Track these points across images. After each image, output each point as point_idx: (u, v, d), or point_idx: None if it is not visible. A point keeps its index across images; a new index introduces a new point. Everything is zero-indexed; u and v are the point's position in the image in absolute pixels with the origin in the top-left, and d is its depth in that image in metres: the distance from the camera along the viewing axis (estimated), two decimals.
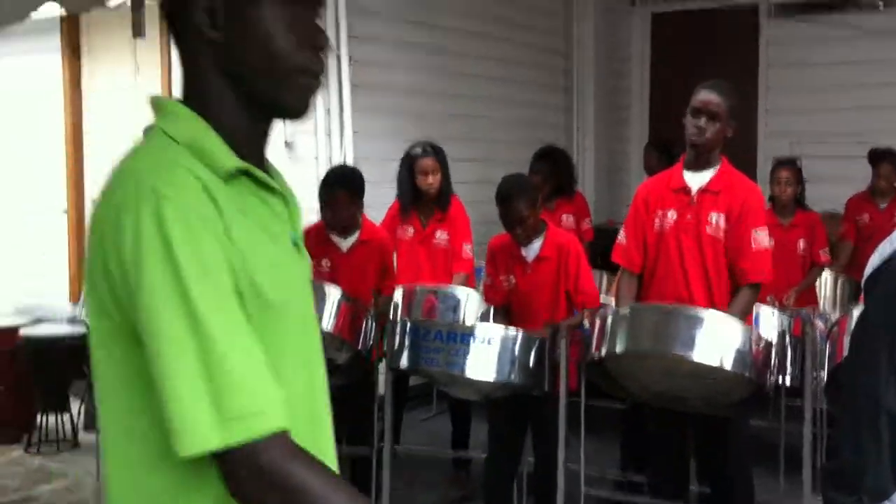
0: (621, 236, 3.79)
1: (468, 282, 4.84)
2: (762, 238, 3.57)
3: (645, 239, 3.69)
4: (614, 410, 4.32)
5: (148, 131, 1.34)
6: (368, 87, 6.49)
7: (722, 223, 3.56)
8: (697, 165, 3.63)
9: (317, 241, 4.14)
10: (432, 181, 4.90)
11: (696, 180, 3.62)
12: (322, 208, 4.17)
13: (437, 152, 4.96)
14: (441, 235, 4.96)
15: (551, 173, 5.71)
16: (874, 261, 1.74)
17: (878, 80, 7.82)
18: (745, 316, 3.55)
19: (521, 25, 7.95)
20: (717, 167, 3.62)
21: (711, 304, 3.49)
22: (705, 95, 3.56)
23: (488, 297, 4.11)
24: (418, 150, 4.98)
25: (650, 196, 3.70)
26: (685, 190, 3.62)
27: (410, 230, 4.99)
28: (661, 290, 3.63)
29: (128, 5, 5.16)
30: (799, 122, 8.22)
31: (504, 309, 4.03)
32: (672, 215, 3.61)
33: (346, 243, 4.20)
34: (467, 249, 4.90)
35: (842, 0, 8.46)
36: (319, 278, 4.00)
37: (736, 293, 3.56)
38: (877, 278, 1.71)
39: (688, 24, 8.96)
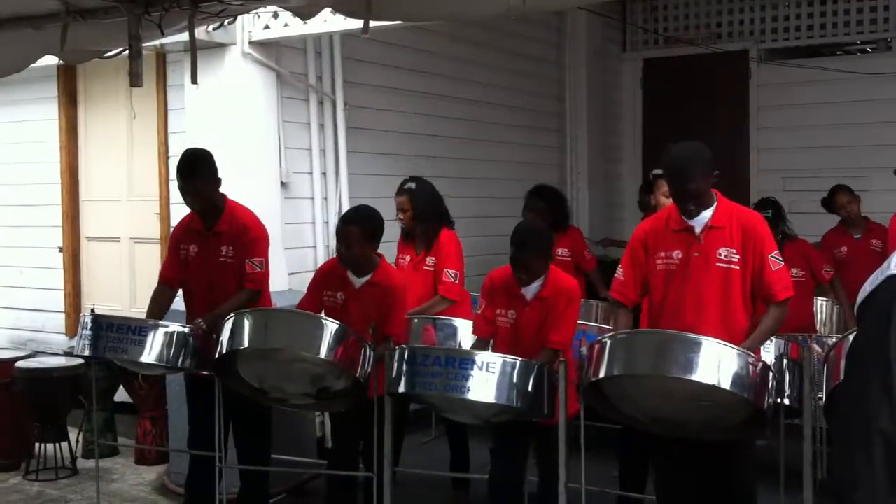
0: (619, 273, 3.82)
1: (463, 310, 4.88)
2: (777, 259, 3.61)
3: (645, 279, 3.71)
4: (614, 430, 4.33)
5: None
6: (363, 130, 6.62)
7: (733, 256, 3.57)
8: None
9: (334, 275, 4.28)
10: (403, 217, 5.09)
11: (698, 220, 3.63)
12: (337, 243, 4.26)
13: (411, 191, 5.08)
14: (431, 262, 5.07)
15: (546, 209, 5.85)
16: (866, 287, 1.78)
17: (865, 119, 8.03)
18: (775, 332, 3.61)
19: (514, 71, 8.11)
20: (715, 204, 3.65)
21: (726, 334, 3.47)
22: (685, 187, 3.55)
23: (477, 326, 4.12)
24: (401, 185, 5.17)
25: (649, 238, 3.72)
26: (688, 230, 3.64)
27: (407, 258, 5.14)
28: (669, 326, 3.62)
29: (124, 55, 5.25)
30: (790, 160, 8.40)
31: (485, 342, 4.04)
32: (678, 254, 3.62)
33: (358, 282, 4.24)
34: (449, 275, 4.97)
35: (828, 44, 8.68)
36: (335, 310, 4.14)
37: (766, 312, 3.57)
38: (868, 304, 1.76)
39: (679, 68, 9.14)
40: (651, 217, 3.95)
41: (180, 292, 4.63)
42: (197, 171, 4.41)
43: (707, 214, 3.62)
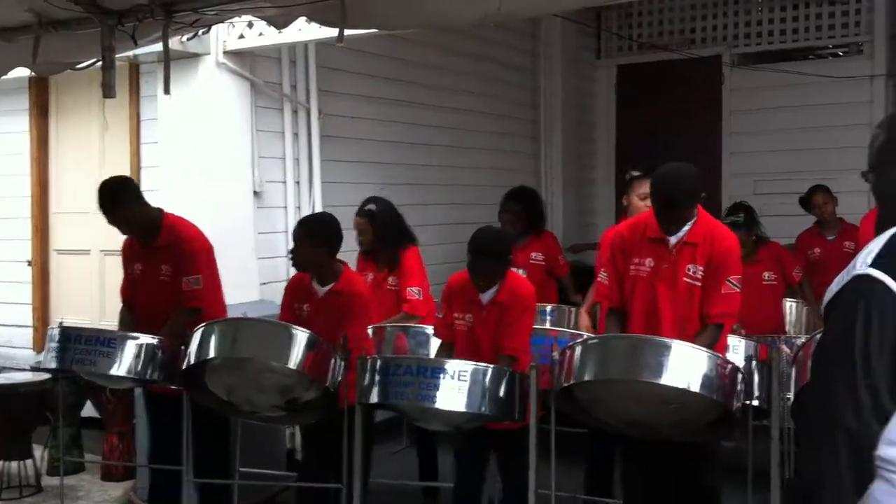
0: (602, 276, 3.85)
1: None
2: (734, 285, 3.64)
3: (620, 280, 3.73)
4: (580, 435, 4.34)
5: None
6: (337, 138, 6.60)
7: (699, 273, 3.62)
8: None
9: (301, 286, 4.26)
10: (363, 239, 5.09)
11: (675, 233, 3.67)
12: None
13: (371, 214, 5.07)
14: (393, 281, 5.07)
15: (522, 212, 5.87)
16: (833, 287, 1.80)
17: (835, 122, 8.11)
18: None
19: (489, 78, 8.13)
20: (694, 220, 3.67)
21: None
22: (674, 214, 3.60)
23: (438, 331, 4.14)
24: (360, 206, 5.14)
25: (626, 244, 3.75)
26: (663, 241, 3.67)
27: (370, 276, 5.11)
28: (634, 331, 3.66)
29: (97, 66, 5.24)
30: (761, 164, 8.46)
31: (449, 345, 4.06)
32: (649, 262, 3.67)
33: (321, 291, 4.22)
34: (413, 292, 4.98)
35: (800, 48, 8.75)
36: (301, 321, 4.08)
37: (702, 330, 3.61)
38: (834, 305, 1.77)
39: (653, 74, 9.19)
40: (629, 221, 3.96)
41: None
42: (118, 201, 4.36)
43: (684, 229, 3.66)
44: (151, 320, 4.36)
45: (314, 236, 4.14)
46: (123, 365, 4.05)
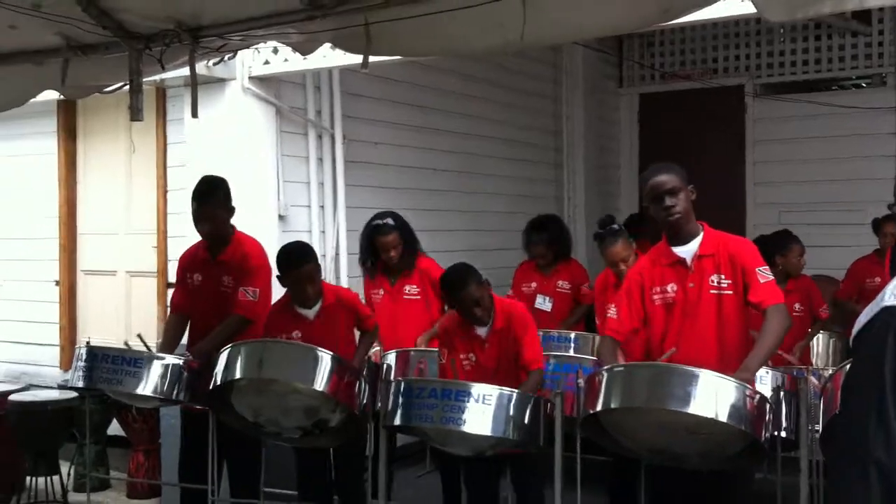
0: (612, 312, 3.82)
1: None
2: (766, 273, 3.62)
3: (643, 314, 3.71)
4: (601, 463, 4.31)
5: None
6: (360, 163, 6.66)
7: (724, 282, 3.60)
8: (682, 239, 3.68)
9: (285, 314, 4.28)
10: (394, 254, 5.10)
11: (687, 251, 3.67)
12: (290, 287, 4.25)
13: (398, 227, 5.12)
14: (411, 290, 5.11)
15: (551, 241, 5.86)
16: (862, 319, 1.80)
17: (860, 153, 8.08)
18: (780, 338, 3.55)
19: (512, 105, 8.18)
20: (702, 234, 3.68)
21: (727, 361, 3.47)
22: (656, 179, 3.63)
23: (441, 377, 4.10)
24: (378, 224, 5.15)
25: (645, 276, 3.74)
26: (680, 262, 3.67)
27: (381, 291, 5.15)
28: (674, 359, 3.62)
29: (125, 90, 5.31)
30: (786, 194, 8.44)
31: None
32: (673, 287, 3.65)
33: (311, 313, 4.26)
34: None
35: (824, 79, 8.75)
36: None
37: (766, 320, 3.53)
38: (862, 338, 1.77)
39: (675, 103, 9.21)
40: (644, 257, 3.97)
41: None
42: (213, 194, 4.47)
43: (695, 244, 3.66)
44: (207, 330, 4.43)
45: (314, 265, 4.23)
46: (149, 384, 4.08)
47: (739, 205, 8.74)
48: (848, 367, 2.78)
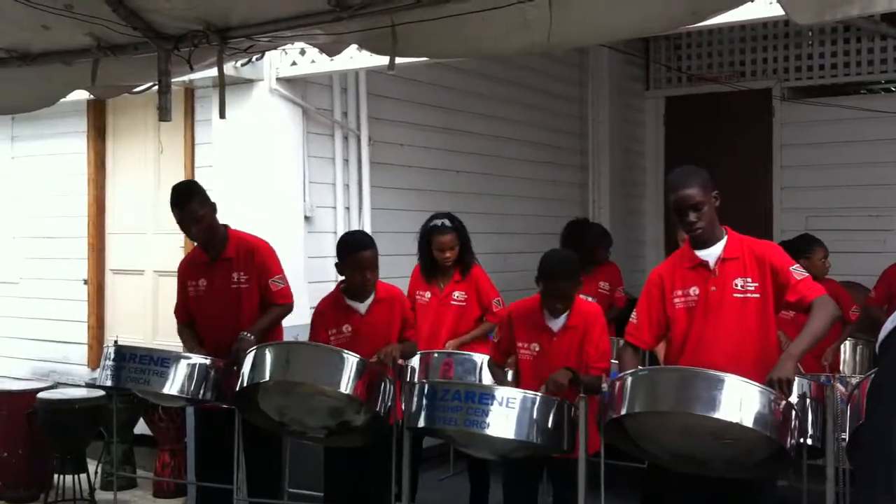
0: (633, 316, 3.81)
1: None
2: (800, 270, 3.61)
3: (664, 319, 3.70)
4: (634, 469, 4.28)
5: None
6: (386, 165, 6.68)
7: (749, 285, 3.58)
8: (706, 243, 3.67)
9: (336, 308, 4.29)
10: (450, 255, 5.12)
11: (710, 254, 3.65)
12: (350, 273, 4.24)
13: (456, 228, 5.16)
14: (459, 296, 5.13)
15: (584, 244, 5.91)
16: (888, 325, 1.79)
17: (889, 158, 7.99)
18: (827, 326, 3.54)
19: (537, 108, 8.17)
20: (726, 237, 3.66)
21: (749, 367, 3.44)
22: (680, 193, 3.61)
23: (493, 355, 4.20)
24: (437, 224, 5.16)
25: (665, 279, 3.73)
26: (703, 265, 3.65)
27: (427, 294, 5.17)
28: (692, 361, 3.59)
29: (154, 90, 5.37)
30: (813, 199, 8.36)
31: (499, 367, 4.17)
32: (695, 291, 3.64)
33: (363, 306, 4.26)
34: (497, 304, 5.15)
35: (852, 83, 8.67)
36: (343, 344, 4.13)
37: (811, 315, 3.51)
38: (889, 344, 1.76)
39: (702, 106, 9.16)
40: (668, 260, 3.95)
41: None
42: (189, 196, 4.49)
43: (719, 248, 3.64)
44: (219, 329, 4.46)
45: (376, 255, 4.23)
46: (176, 384, 4.11)
47: (766, 209, 8.68)
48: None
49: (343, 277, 4.30)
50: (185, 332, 4.64)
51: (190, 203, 4.45)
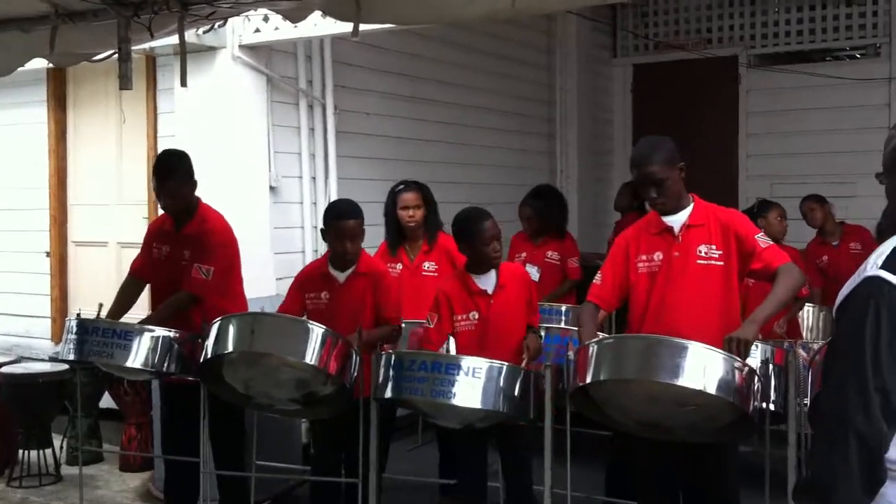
0: (597, 278, 3.83)
1: None
2: (765, 238, 3.65)
3: (626, 283, 3.72)
4: (600, 437, 4.33)
5: None
6: (352, 134, 6.62)
7: (714, 252, 3.59)
8: (672, 210, 3.68)
9: (319, 274, 4.29)
10: (413, 214, 5.04)
11: (676, 220, 3.66)
12: (332, 241, 4.25)
13: (421, 187, 5.11)
14: (430, 266, 5.07)
15: (543, 211, 5.89)
16: (844, 290, 1.82)
17: (853, 125, 8.07)
18: (792, 293, 3.58)
19: (504, 75, 8.13)
20: (693, 204, 3.67)
21: (710, 333, 3.47)
22: (643, 171, 3.59)
23: (431, 339, 4.04)
24: (401, 186, 5.12)
25: (631, 244, 3.74)
26: (668, 230, 3.66)
27: (399, 266, 5.10)
28: (654, 327, 3.63)
29: (114, 58, 5.28)
30: (779, 166, 8.43)
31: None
32: (659, 256, 3.65)
33: (342, 276, 4.25)
34: None
35: (818, 50, 8.72)
36: (319, 311, 4.13)
37: (775, 282, 3.52)
38: (845, 307, 1.79)
39: (669, 73, 9.18)
40: (635, 224, 3.96)
41: None
42: (174, 171, 4.41)
43: (685, 215, 3.65)
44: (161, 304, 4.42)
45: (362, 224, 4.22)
46: (139, 357, 4.07)
47: (732, 176, 8.74)
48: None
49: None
50: (127, 284, 4.64)
51: (168, 181, 4.38)
